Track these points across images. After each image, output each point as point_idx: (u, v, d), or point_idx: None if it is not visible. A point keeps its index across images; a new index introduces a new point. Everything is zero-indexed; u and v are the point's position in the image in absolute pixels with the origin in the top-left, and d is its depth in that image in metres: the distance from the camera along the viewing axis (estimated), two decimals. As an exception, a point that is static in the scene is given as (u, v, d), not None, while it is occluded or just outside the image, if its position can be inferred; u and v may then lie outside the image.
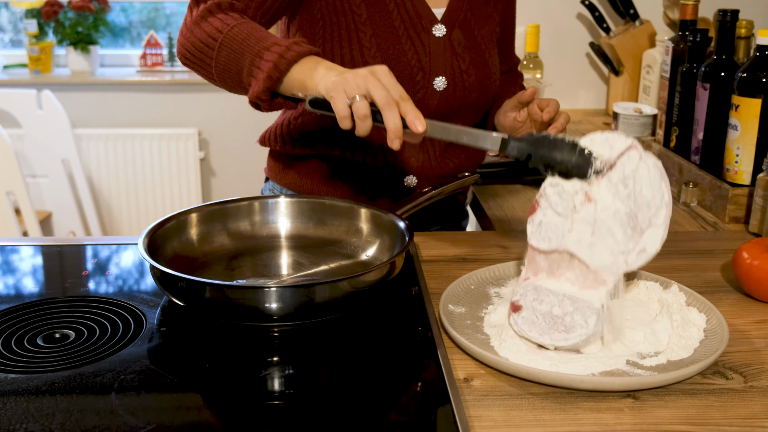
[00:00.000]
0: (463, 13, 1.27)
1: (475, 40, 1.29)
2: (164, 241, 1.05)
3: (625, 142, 0.90)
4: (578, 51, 2.46)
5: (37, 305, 0.99)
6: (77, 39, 3.04)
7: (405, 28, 1.22)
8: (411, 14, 1.22)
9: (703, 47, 1.54)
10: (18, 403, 0.78)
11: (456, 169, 1.34)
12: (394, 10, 1.21)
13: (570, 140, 0.92)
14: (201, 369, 0.85)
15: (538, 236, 0.94)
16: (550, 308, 0.89)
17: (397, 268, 1.00)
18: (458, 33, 1.27)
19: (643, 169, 0.89)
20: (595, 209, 0.90)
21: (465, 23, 1.28)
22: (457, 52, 1.26)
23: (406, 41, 1.22)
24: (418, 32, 1.23)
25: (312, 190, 1.33)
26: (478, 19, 1.30)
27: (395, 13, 1.21)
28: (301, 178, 1.34)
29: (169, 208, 3.14)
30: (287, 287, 0.89)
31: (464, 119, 1.31)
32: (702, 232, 1.34)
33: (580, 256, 0.90)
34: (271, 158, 1.41)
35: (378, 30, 1.21)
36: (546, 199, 0.94)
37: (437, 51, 1.24)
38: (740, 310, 1.03)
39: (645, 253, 0.88)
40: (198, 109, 3.11)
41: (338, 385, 0.84)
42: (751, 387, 0.84)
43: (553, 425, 0.77)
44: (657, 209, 0.88)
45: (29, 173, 3.00)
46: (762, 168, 1.29)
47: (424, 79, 1.24)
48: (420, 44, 1.23)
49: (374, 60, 1.20)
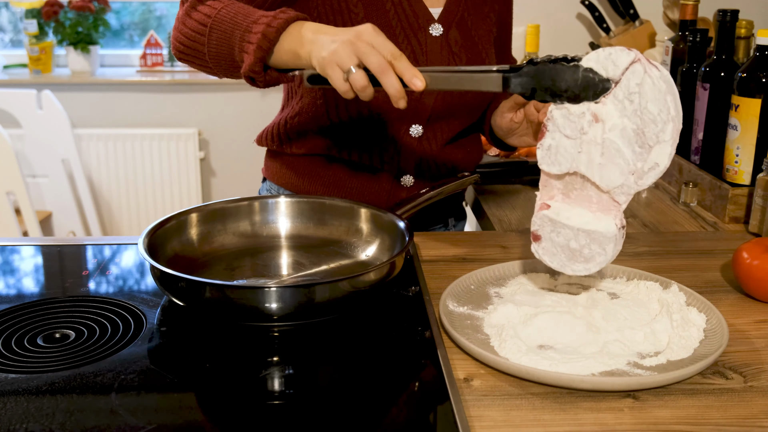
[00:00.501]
0: (460, 13, 1.28)
1: (473, 39, 1.29)
2: (164, 241, 1.05)
3: (628, 56, 0.87)
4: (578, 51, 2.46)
5: (37, 305, 0.99)
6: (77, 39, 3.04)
7: (402, 27, 1.22)
8: (408, 13, 1.23)
9: (703, 47, 1.54)
10: (18, 403, 0.78)
11: (453, 168, 1.34)
12: (390, 9, 1.22)
13: (572, 63, 0.90)
14: (201, 369, 0.85)
15: (548, 161, 0.93)
16: (567, 242, 0.91)
17: (397, 268, 1.00)
18: (455, 32, 1.27)
19: (647, 83, 0.86)
20: (603, 129, 0.88)
21: (462, 23, 1.28)
22: (454, 52, 1.26)
23: (402, 40, 1.23)
24: (414, 31, 1.23)
25: (309, 189, 1.33)
26: (476, 19, 1.30)
27: (392, 13, 1.22)
28: (298, 177, 1.34)
29: (169, 208, 3.14)
30: (287, 287, 0.89)
31: (461, 118, 1.32)
32: (702, 232, 1.34)
33: (591, 178, 0.89)
34: (268, 158, 1.41)
35: None
36: (553, 122, 0.92)
37: (434, 50, 1.25)
38: (740, 310, 1.03)
39: (656, 169, 0.87)
40: (198, 109, 3.11)
41: (338, 385, 0.84)
42: (751, 387, 0.84)
43: (553, 425, 0.77)
44: (664, 124, 0.85)
45: (29, 173, 3.00)
46: (762, 168, 1.29)
47: None
48: (417, 43, 1.23)
49: None
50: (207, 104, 3.10)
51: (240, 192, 3.12)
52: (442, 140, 1.31)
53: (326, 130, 1.28)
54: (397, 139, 1.27)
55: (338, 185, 1.32)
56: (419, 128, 1.27)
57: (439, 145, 1.31)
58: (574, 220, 0.92)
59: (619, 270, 1.08)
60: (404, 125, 1.27)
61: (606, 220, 0.89)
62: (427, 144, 1.30)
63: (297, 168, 1.34)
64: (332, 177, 1.32)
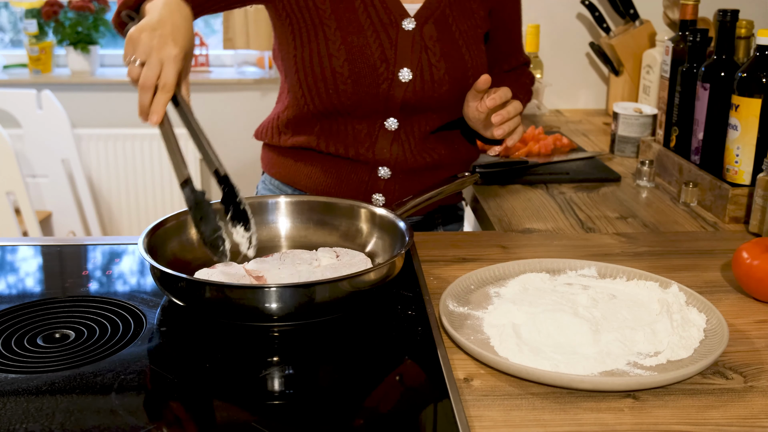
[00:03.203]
0: (440, 9, 1.28)
1: (452, 35, 1.29)
2: (164, 241, 1.05)
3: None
4: (578, 51, 2.46)
5: (37, 305, 0.99)
6: (77, 39, 3.04)
7: (371, 21, 1.24)
8: (378, 9, 1.24)
9: (703, 47, 1.54)
10: (18, 403, 0.78)
11: (434, 163, 1.34)
12: (360, 6, 1.24)
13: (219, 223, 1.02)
14: (201, 369, 0.85)
15: None
16: None
17: (397, 268, 1.00)
18: (431, 27, 1.27)
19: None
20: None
21: (441, 18, 1.28)
22: (428, 46, 1.27)
23: (371, 34, 1.24)
24: (385, 25, 1.24)
25: (294, 180, 1.36)
26: (459, 14, 1.30)
27: (361, 9, 1.24)
28: (285, 168, 1.37)
29: (169, 208, 3.14)
30: (287, 287, 0.89)
31: (439, 113, 1.31)
32: (702, 232, 1.34)
33: None
34: (264, 150, 1.44)
35: (342, 23, 1.23)
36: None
37: (404, 44, 1.25)
38: (740, 310, 1.03)
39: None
40: (197, 109, 3.11)
41: (338, 385, 0.84)
42: (751, 387, 0.84)
43: (553, 425, 0.77)
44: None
45: (29, 173, 3.00)
46: (762, 168, 1.29)
47: (388, 71, 1.24)
48: (386, 37, 1.24)
49: (338, 52, 1.22)
50: (207, 104, 3.10)
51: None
52: (420, 134, 1.31)
53: (309, 123, 1.30)
54: (372, 132, 1.29)
55: (320, 176, 1.33)
56: (394, 121, 1.28)
57: (418, 139, 1.31)
58: None
59: (619, 270, 1.08)
60: (379, 119, 1.28)
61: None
62: (404, 137, 1.30)
63: (285, 160, 1.37)
64: (315, 168, 1.33)
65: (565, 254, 1.19)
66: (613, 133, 1.88)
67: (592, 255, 1.19)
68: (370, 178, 1.32)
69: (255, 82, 3.06)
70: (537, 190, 1.56)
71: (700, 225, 1.38)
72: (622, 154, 1.86)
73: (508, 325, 0.92)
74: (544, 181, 1.61)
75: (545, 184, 1.60)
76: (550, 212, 1.43)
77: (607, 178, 1.64)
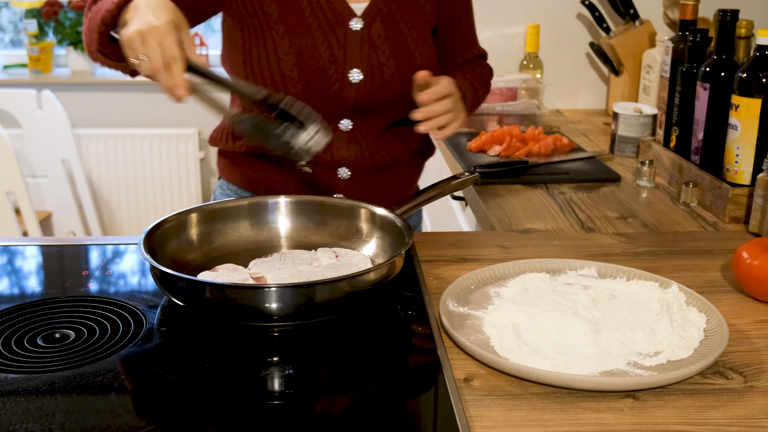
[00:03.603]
0: (387, 6, 1.28)
1: (401, 32, 1.29)
2: (164, 242, 1.05)
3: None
4: (578, 51, 2.46)
5: (37, 305, 0.99)
6: (77, 39, 3.04)
7: (319, 23, 1.24)
8: (325, 10, 1.24)
9: (703, 47, 1.54)
10: (18, 403, 0.78)
11: (392, 160, 1.35)
12: (306, 8, 1.24)
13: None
14: (201, 369, 0.85)
15: None
16: None
17: (397, 268, 1.00)
18: (379, 26, 1.27)
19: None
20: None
21: (389, 16, 1.28)
22: (377, 45, 1.27)
23: (319, 36, 1.24)
24: (332, 27, 1.25)
25: (252, 185, 1.35)
26: (406, 11, 1.30)
27: (308, 11, 1.24)
28: (241, 173, 1.36)
29: (169, 208, 3.14)
30: (287, 287, 0.89)
31: (392, 111, 1.32)
32: (702, 232, 1.34)
33: None
34: (219, 156, 1.43)
35: (290, 27, 1.23)
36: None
37: (353, 44, 1.25)
38: (740, 310, 1.03)
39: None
40: (198, 109, 3.11)
41: (338, 385, 0.84)
42: (751, 387, 0.84)
43: (553, 425, 0.77)
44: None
45: (29, 173, 3.00)
46: (762, 168, 1.29)
47: (338, 72, 1.25)
48: (334, 38, 1.25)
49: (286, 55, 1.23)
50: (207, 104, 3.09)
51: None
52: (375, 132, 1.32)
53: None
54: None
55: (279, 180, 1.33)
56: (349, 122, 1.29)
57: (374, 138, 1.32)
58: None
59: (619, 270, 1.08)
60: (333, 121, 1.28)
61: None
62: (360, 137, 1.31)
63: (238, 164, 1.36)
64: (273, 172, 1.33)
65: (565, 254, 1.19)
66: (613, 133, 1.88)
67: (592, 255, 1.19)
68: (330, 179, 1.32)
69: (255, 82, 3.06)
70: (537, 190, 1.56)
71: (700, 225, 1.38)
72: (622, 154, 1.86)
73: (508, 325, 0.92)
74: (544, 181, 1.61)
75: (545, 184, 1.60)
76: (550, 212, 1.43)
77: (607, 178, 1.64)
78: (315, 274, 1.02)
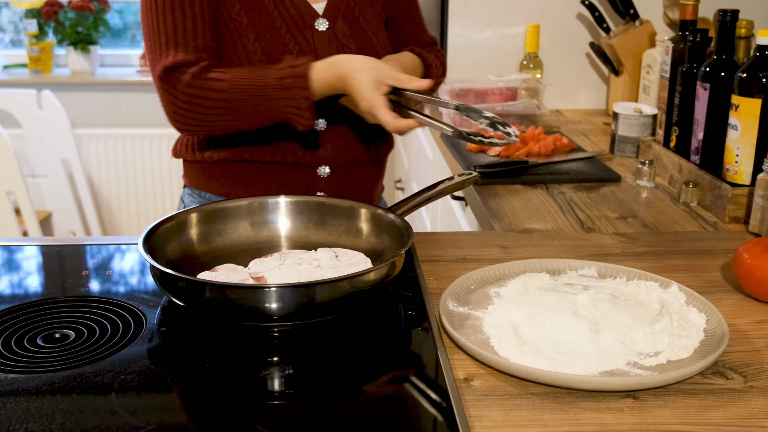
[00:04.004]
0: (345, 3, 1.29)
1: (361, 27, 1.30)
2: (164, 242, 1.05)
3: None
4: (578, 51, 2.46)
5: (37, 305, 0.99)
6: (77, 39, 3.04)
7: (287, 27, 1.24)
8: (291, 12, 1.24)
9: (703, 47, 1.54)
10: (18, 403, 0.78)
11: (369, 154, 1.36)
12: (273, 11, 1.24)
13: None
14: (201, 369, 0.85)
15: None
16: None
17: (397, 268, 1.00)
18: (342, 24, 1.28)
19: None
20: None
21: (348, 13, 1.29)
22: (343, 43, 1.28)
23: (289, 40, 1.24)
24: (300, 29, 1.25)
25: (227, 191, 1.34)
26: (363, 6, 1.31)
27: (275, 14, 1.24)
28: (214, 181, 1.35)
29: (169, 209, 3.15)
30: (287, 287, 0.89)
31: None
32: (702, 232, 1.34)
33: None
34: (186, 167, 1.42)
35: (260, 33, 1.23)
36: None
37: (322, 45, 1.26)
38: (740, 310, 1.03)
39: None
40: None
41: (338, 385, 0.84)
42: (751, 387, 0.84)
43: (553, 425, 0.77)
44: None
45: (29, 173, 3.00)
46: (762, 168, 1.29)
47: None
48: (304, 41, 1.25)
49: (260, 62, 1.23)
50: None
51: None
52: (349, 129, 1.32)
53: (235, 136, 1.29)
54: (303, 135, 1.29)
55: (255, 184, 1.33)
56: (323, 122, 1.30)
57: (349, 134, 1.33)
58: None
59: (619, 270, 1.08)
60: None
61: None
62: (335, 134, 1.31)
63: (212, 173, 1.35)
64: (249, 177, 1.32)
65: (565, 254, 1.19)
66: (613, 133, 1.88)
67: (592, 255, 1.19)
68: (310, 178, 1.33)
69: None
70: (537, 190, 1.56)
71: (700, 225, 1.38)
72: (622, 154, 1.86)
73: (508, 325, 0.92)
74: (544, 181, 1.61)
75: (545, 184, 1.60)
76: (550, 212, 1.43)
77: (607, 178, 1.64)
78: (315, 274, 1.02)
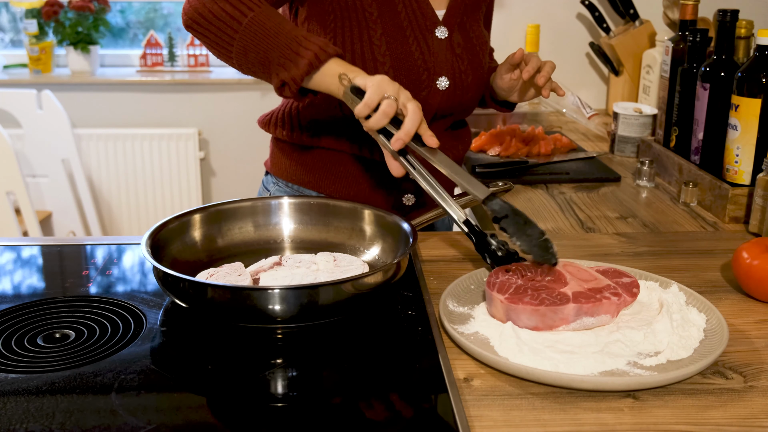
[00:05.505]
0: (460, 16, 1.30)
1: (471, 41, 1.32)
2: (167, 243, 1.05)
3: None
4: (578, 51, 2.46)
5: (37, 305, 0.99)
6: (77, 39, 3.04)
7: (411, 28, 1.24)
8: (417, 15, 1.25)
9: (703, 47, 1.54)
10: (18, 403, 0.78)
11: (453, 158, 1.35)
12: (402, 11, 1.24)
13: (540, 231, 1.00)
14: (203, 370, 0.85)
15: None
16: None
17: (401, 270, 1.00)
18: (457, 35, 1.30)
19: None
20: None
21: (462, 25, 1.31)
22: (457, 54, 1.29)
23: (412, 42, 1.24)
24: (423, 33, 1.25)
25: (315, 184, 1.33)
26: (472, 21, 1.33)
27: (403, 14, 1.24)
28: (307, 172, 1.34)
29: (169, 208, 3.14)
30: (291, 289, 0.89)
31: (458, 116, 1.36)
32: (702, 232, 1.34)
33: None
34: (274, 147, 1.39)
35: (387, 29, 1.23)
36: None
37: (440, 52, 1.27)
38: (740, 310, 1.03)
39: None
40: (198, 109, 3.11)
41: (340, 386, 0.84)
42: (751, 387, 0.84)
43: (553, 425, 0.77)
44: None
45: (29, 173, 3.00)
46: (762, 168, 1.29)
47: (429, 79, 1.26)
48: (425, 45, 1.26)
49: (383, 57, 1.22)
50: (207, 104, 3.10)
51: (240, 192, 3.12)
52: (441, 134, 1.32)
53: (339, 124, 1.28)
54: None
55: (344, 180, 1.32)
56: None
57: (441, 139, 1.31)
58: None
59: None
60: None
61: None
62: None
63: (306, 162, 1.34)
64: (343, 173, 1.32)
65: (565, 254, 1.19)
66: (613, 133, 1.88)
67: (592, 255, 1.20)
68: (403, 179, 1.32)
69: (255, 82, 3.06)
70: (537, 190, 1.56)
71: (700, 225, 1.38)
72: (622, 154, 1.86)
73: (508, 325, 0.92)
74: (544, 181, 1.61)
75: (545, 184, 1.60)
76: (550, 212, 1.43)
77: (607, 178, 1.64)
78: (310, 278, 1.02)
